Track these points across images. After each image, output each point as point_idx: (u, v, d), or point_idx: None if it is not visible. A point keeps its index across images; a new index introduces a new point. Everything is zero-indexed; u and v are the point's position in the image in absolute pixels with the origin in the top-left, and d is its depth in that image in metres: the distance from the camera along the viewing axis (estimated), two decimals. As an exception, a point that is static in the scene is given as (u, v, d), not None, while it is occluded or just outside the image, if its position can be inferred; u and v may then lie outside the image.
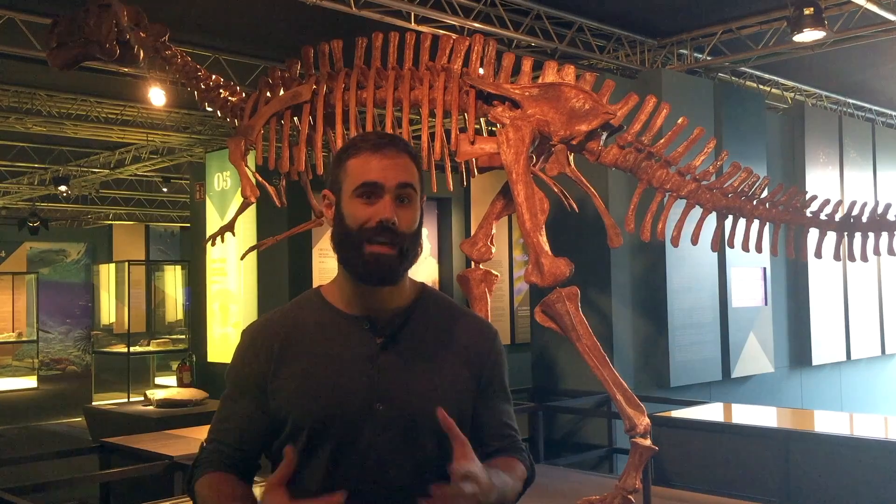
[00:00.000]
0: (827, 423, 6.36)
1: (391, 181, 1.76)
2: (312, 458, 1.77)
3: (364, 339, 1.80)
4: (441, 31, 6.19)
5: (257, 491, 1.82)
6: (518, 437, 1.95)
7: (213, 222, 10.00)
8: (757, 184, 4.45)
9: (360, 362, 1.78)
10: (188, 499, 1.88)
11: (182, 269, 15.84)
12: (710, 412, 6.28)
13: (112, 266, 16.03)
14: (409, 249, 1.77)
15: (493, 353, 1.91)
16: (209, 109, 5.58)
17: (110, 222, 19.98)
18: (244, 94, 5.42)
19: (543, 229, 4.29)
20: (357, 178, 1.77)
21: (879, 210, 4.31)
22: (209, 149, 11.10)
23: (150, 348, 13.77)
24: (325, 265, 9.70)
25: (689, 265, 7.50)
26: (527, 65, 4.61)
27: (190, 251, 12.92)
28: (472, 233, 5.39)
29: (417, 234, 1.80)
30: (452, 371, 1.83)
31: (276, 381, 1.80)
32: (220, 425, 1.85)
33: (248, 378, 1.83)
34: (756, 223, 4.43)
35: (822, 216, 4.37)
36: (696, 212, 4.51)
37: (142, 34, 5.14)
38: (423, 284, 1.93)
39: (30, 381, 17.16)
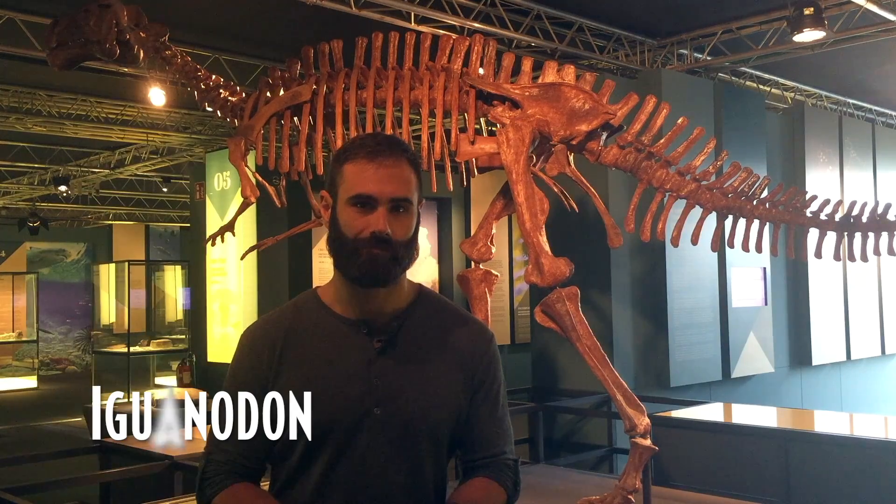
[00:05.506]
0: (827, 423, 6.36)
1: (385, 195, 1.74)
2: (311, 463, 1.76)
3: (362, 344, 1.80)
4: (441, 31, 6.19)
5: None
6: (507, 448, 1.89)
7: (213, 222, 10.00)
8: (757, 184, 4.45)
9: (358, 367, 1.77)
10: (189, 499, 1.87)
11: (182, 269, 15.84)
12: (710, 412, 6.28)
13: (112, 266, 16.04)
14: (402, 256, 1.77)
15: (486, 357, 1.89)
16: (209, 109, 5.58)
17: (110, 222, 19.98)
18: (244, 94, 5.41)
19: (543, 229, 4.30)
20: (351, 188, 1.76)
21: (879, 210, 4.31)
22: (209, 149, 11.09)
23: (150, 348, 13.77)
24: (325, 265, 9.70)
25: (689, 265, 7.50)
26: (527, 65, 4.61)
27: (190, 251, 12.92)
28: (472, 233, 5.39)
29: (412, 240, 1.80)
30: (448, 375, 1.83)
31: (276, 386, 1.79)
32: (227, 433, 1.81)
33: (250, 383, 1.81)
34: (756, 223, 4.43)
35: (822, 216, 4.37)
36: (696, 212, 4.50)
37: (142, 34, 5.14)
38: (420, 286, 1.92)
39: (30, 381, 17.15)
